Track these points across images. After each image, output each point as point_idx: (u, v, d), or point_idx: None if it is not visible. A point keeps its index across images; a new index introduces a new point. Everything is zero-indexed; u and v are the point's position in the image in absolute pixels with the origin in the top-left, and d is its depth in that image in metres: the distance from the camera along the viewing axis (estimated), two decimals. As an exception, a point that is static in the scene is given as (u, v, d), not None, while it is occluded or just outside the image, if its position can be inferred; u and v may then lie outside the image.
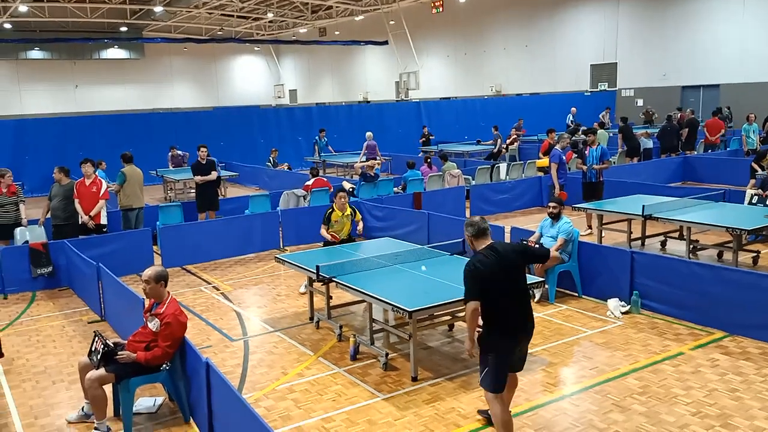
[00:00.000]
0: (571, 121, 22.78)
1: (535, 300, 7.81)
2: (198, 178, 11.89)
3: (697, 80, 23.93)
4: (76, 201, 9.69)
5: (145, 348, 5.09)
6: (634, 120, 23.46)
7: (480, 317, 4.47)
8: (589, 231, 10.77)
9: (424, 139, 22.39)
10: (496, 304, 4.45)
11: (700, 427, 4.86)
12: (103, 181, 10.16)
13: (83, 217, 9.63)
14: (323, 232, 8.57)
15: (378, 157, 18.18)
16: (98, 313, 7.91)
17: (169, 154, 18.74)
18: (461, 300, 5.75)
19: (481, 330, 4.52)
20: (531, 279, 6.43)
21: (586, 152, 11.30)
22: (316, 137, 20.69)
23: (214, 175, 11.93)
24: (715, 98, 23.09)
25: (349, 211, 8.65)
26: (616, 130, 18.88)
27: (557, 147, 11.63)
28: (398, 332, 6.36)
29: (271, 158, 19.18)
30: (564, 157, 11.57)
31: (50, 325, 7.74)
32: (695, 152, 18.09)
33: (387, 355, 6.16)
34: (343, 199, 8.61)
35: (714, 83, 23.34)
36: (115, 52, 41.78)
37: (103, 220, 9.88)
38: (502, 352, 4.49)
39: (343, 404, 5.43)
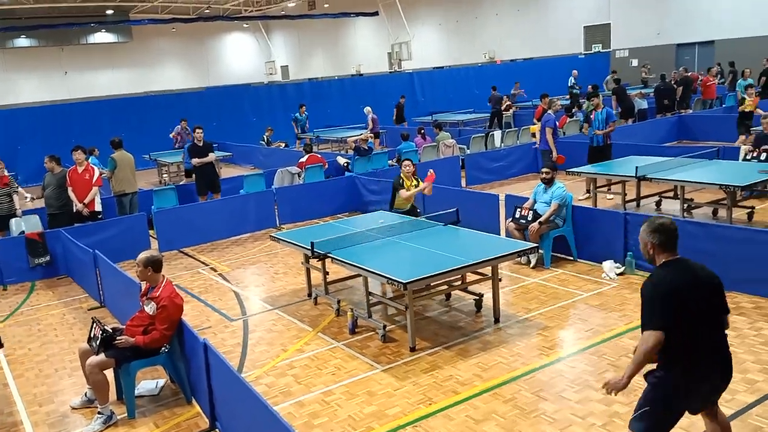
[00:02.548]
0: (573, 84, 22.56)
1: (531, 266, 7.85)
2: (195, 160, 11.71)
3: (692, 37, 23.67)
4: (70, 189, 9.68)
5: (143, 332, 5.14)
6: (631, 81, 23.30)
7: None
8: (588, 195, 10.73)
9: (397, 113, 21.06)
10: (691, 334, 3.38)
11: (694, 383, 4.92)
12: (96, 167, 10.13)
13: (77, 205, 9.63)
14: (403, 193, 8.02)
15: (367, 130, 18.04)
16: (97, 300, 7.97)
17: (178, 126, 18.09)
18: (456, 269, 5.83)
19: (657, 375, 3.49)
20: (527, 245, 6.47)
21: (591, 116, 11.15)
22: (296, 114, 20.24)
23: (211, 157, 11.74)
24: (710, 55, 22.87)
25: (414, 180, 8.21)
26: (610, 93, 18.75)
27: (549, 112, 11.51)
28: (395, 304, 6.40)
29: (265, 136, 19.08)
30: (557, 122, 11.45)
31: (50, 314, 7.80)
32: (690, 111, 17.99)
33: (385, 327, 6.21)
34: (408, 168, 8.10)
35: (708, 40, 23.09)
36: (102, 36, 41.27)
37: (98, 207, 9.87)
38: (683, 399, 3.47)
39: (342, 377, 5.50)
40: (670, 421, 3.51)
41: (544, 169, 8.06)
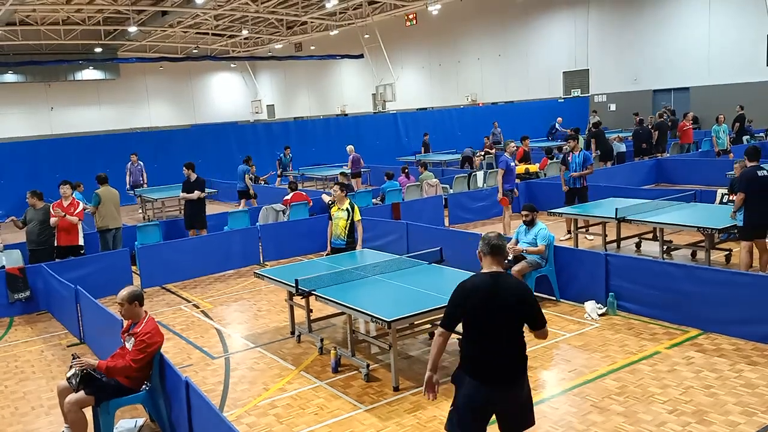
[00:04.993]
0: (555, 128, 23.34)
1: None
2: (182, 195, 12.02)
3: (668, 84, 24.39)
4: (53, 219, 9.54)
5: (123, 369, 5.07)
6: (610, 125, 23.85)
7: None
8: (569, 236, 10.86)
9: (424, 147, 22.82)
10: (473, 341, 3.82)
11: (676, 424, 4.95)
12: (80, 202, 10.10)
13: (55, 218, 9.48)
14: (329, 230, 8.48)
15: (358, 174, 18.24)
16: (77, 336, 7.84)
17: (129, 163, 18.14)
18: (440, 308, 5.84)
19: (454, 373, 3.98)
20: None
21: (569, 158, 11.33)
22: (281, 154, 20.38)
23: (193, 195, 11.80)
24: (686, 101, 23.56)
25: (346, 204, 8.31)
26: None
27: (505, 154, 11.66)
28: (379, 343, 6.39)
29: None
30: (512, 164, 11.52)
31: (28, 351, 7.65)
32: (667, 154, 18.42)
33: (368, 366, 6.19)
34: (336, 192, 8.36)
35: (684, 86, 23.81)
36: (90, 73, 41.50)
37: (81, 242, 9.80)
38: (469, 398, 3.81)
39: (325, 417, 5.45)
40: (468, 423, 3.81)
41: (524, 212, 8.17)
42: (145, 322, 5.17)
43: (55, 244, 9.63)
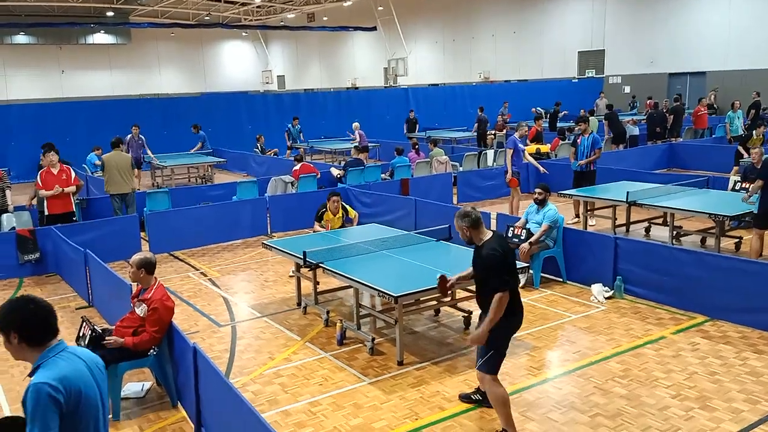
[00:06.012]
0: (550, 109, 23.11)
1: (520, 285, 7.87)
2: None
3: (684, 67, 24.07)
4: (41, 191, 9.20)
5: (133, 333, 5.12)
6: (624, 107, 23.57)
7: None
8: (577, 219, 10.80)
9: (408, 125, 22.23)
10: (515, 287, 4.64)
11: (679, 409, 4.97)
12: (70, 167, 9.67)
13: (51, 191, 9.12)
14: (316, 227, 8.41)
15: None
16: (86, 299, 7.92)
17: (129, 135, 16.37)
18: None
19: (502, 324, 4.56)
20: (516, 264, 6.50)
21: (578, 141, 11.20)
22: (289, 125, 20.20)
23: None
24: (702, 85, 23.25)
25: (341, 212, 8.48)
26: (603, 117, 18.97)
27: (516, 134, 11.56)
28: (384, 317, 6.42)
29: (258, 144, 19.10)
30: (520, 145, 11.43)
31: (37, 312, 7.72)
32: (681, 139, 18.24)
33: (373, 339, 6.23)
34: (336, 204, 8.41)
35: (700, 70, 23.48)
36: (101, 37, 41.29)
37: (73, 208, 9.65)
38: (512, 332, 4.71)
39: (329, 388, 5.50)
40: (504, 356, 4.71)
41: (537, 190, 8.13)
42: (155, 288, 5.20)
43: (46, 213, 9.45)
